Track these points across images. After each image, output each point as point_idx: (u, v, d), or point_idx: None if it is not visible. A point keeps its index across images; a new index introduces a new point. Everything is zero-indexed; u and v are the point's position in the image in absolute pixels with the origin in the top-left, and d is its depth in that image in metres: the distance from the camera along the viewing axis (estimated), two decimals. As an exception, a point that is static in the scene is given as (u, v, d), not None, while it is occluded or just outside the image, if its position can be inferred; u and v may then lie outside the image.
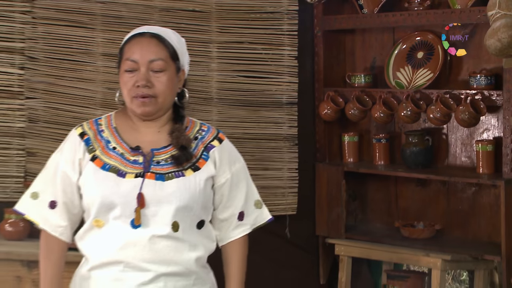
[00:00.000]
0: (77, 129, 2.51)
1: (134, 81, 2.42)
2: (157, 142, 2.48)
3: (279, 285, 4.00)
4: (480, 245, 3.64)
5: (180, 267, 2.43)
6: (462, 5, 3.60)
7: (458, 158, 3.82)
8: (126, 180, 2.42)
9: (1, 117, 3.84)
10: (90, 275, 2.43)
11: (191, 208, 2.44)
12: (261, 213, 2.64)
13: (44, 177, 2.53)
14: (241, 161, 2.62)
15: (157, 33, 2.50)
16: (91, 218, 2.44)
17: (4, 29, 3.82)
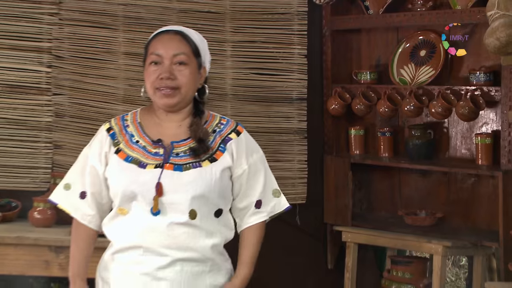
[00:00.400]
0: (105, 125, 2.55)
1: (158, 74, 2.44)
2: (178, 136, 2.49)
3: (289, 270, 4.00)
4: (479, 232, 3.64)
5: (197, 253, 2.43)
6: (462, 5, 3.59)
7: (458, 151, 3.81)
8: (146, 171, 2.43)
9: (30, 112, 3.85)
10: (113, 258, 2.45)
11: (207, 197, 2.44)
12: (279, 202, 2.64)
13: (75, 170, 2.55)
14: (259, 152, 2.61)
15: (180, 30, 2.52)
16: (116, 207, 2.47)
17: (32, 30, 3.84)
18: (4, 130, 3.85)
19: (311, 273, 4.04)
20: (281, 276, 3.97)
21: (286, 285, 4.02)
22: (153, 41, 2.51)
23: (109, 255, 2.49)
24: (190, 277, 2.43)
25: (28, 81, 3.85)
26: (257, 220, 2.58)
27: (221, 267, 2.51)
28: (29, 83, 3.85)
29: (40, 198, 3.62)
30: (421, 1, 3.75)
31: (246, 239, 2.59)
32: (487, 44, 3.18)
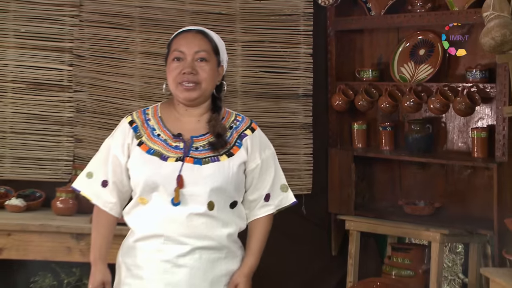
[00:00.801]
0: (127, 118, 2.55)
1: (180, 69, 2.45)
2: (197, 130, 2.50)
3: (295, 257, 3.99)
4: (474, 221, 3.64)
5: (214, 241, 2.44)
6: (459, 7, 3.59)
7: (456, 144, 3.81)
8: (167, 163, 2.44)
9: (52, 108, 3.87)
10: (135, 246, 2.46)
11: (224, 189, 2.45)
12: (286, 196, 2.66)
13: (97, 159, 2.56)
14: (271, 148, 2.63)
15: (202, 30, 2.54)
16: (137, 196, 2.47)
17: (55, 31, 3.86)
18: (29, 125, 3.87)
19: (316, 260, 4.04)
20: (288, 262, 3.96)
21: (293, 270, 3.99)
22: (176, 39, 2.52)
23: (131, 242, 2.49)
24: (208, 264, 2.44)
25: (51, 79, 3.87)
26: (265, 213, 2.60)
27: (235, 254, 2.53)
28: (52, 81, 3.87)
29: (62, 188, 3.66)
30: (420, 3, 3.74)
31: (254, 230, 2.61)
32: (483, 44, 3.19)
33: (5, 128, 3.88)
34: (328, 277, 4.06)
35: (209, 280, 2.46)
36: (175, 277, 2.41)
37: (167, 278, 2.41)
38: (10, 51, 3.86)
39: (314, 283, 4.03)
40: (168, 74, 2.51)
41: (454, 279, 4.77)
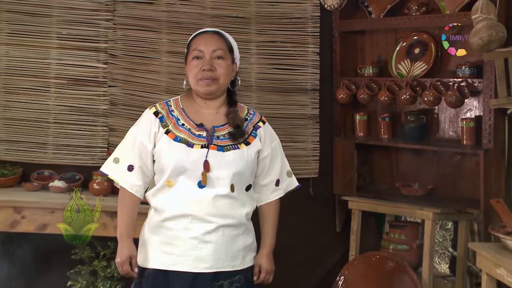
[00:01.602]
0: (151, 109, 2.56)
1: (200, 66, 2.47)
2: (216, 121, 2.53)
3: (304, 233, 4.01)
4: (463, 201, 3.64)
5: (235, 220, 2.48)
6: (451, 10, 3.56)
7: (447, 133, 3.79)
8: (194, 150, 2.45)
9: (89, 101, 3.90)
10: (163, 225, 2.47)
11: (243, 174, 2.49)
12: (291, 180, 2.71)
13: (124, 146, 2.57)
14: (277, 139, 2.68)
15: (217, 31, 2.59)
16: (164, 179, 2.47)
17: (92, 33, 3.89)
18: (69, 116, 3.90)
19: (322, 235, 4.05)
20: (297, 237, 3.97)
21: (302, 245, 4.00)
22: (195, 39, 2.55)
23: (158, 222, 2.49)
24: (230, 240, 2.48)
25: (88, 75, 3.90)
26: (276, 196, 2.66)
27: (250, 230, 2.57)
28: (89, 77, 3.90)
29: (98, 172, 3.63)
30: (416, 7, 3.72)
31: (268, 213, 2.66)
32: (472, 43, 3.20)
33: (48, 119, 3.90)
34: (333, 251, 4.06)
35: (230, 254, 2.48)
36: (202, 252, 2.43)
37: (195, 253, 2.43)
38: (53, 51, 3.88)
39: (321, 256, 4.04)
40: (188, 71, 2.53)
41: (444, 253, 4.79)
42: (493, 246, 2.84)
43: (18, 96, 3.89)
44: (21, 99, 3.89)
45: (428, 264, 3.57)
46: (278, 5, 3.98)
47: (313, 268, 4.01)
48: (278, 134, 3.99)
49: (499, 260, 2.65)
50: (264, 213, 2.65)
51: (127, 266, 2.49)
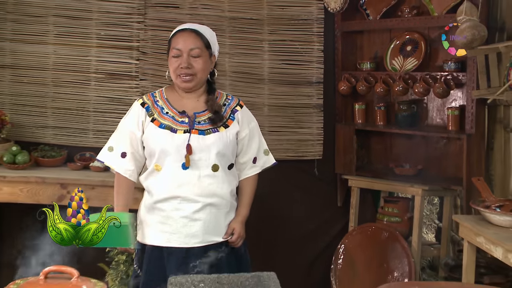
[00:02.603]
0: (138, 100, 2.53)
1: (178, 64, 2.41)
2: (197, 108, 2.47)
3: (310, 207, 4.03)
4: (448, 179, 3.66)
5: (220, 198, 2.45)
6: (439, 12, 3.58)
7: (434, 120, 3.81)
8: (177, 135, 2.40)
9: (124, 93, 3.92)
10: (155, 206, 2.43)
11: (224, 154, 2.44)
12: (268, 158, 2.63)
13: (116, 136, 2.53)
14: (255, 121, 2.60)
15: (194, 28, 2.46)
16: (153, 163, 2.43)
17: (125, 33, 3.92)
18: (106, 105, 3.92)
19: (326, 209, 4.07)
20: (304, 211, 4.00)
21: (308, 217, 4.02)
22: (174, 37, 2.46)
23: (151, 203, 2.44)
24: (216, 216, 2.45)
25: (122, 70, 3.93)
26: (253, 172, 2.59)
27: (234, 207, 2.53)
28: (123, 72, 3.93)
29: None
30: (408, 10, 3.72)
31: (245, 187, 2.58)
32: (457, 41, 3.21)
33: (89, 108, 3.94)
34: (335, 222, 4.07)
35: (217, 229, 2.46)
36: (192, 229, 2.41)
37: (186, 231, 2.40)
38: (93, 49, 3.91)
39: (324, 227, 4.05)
40: (169, 66, 2.47)
41: (431, 224, 4.74)
42: (474, 218, 2.86)
43: (64, 89, 3.93)
44: (66, 91, 3.93)
45: (417, 234, 3.61)
46: (287, 8, 3.98)
47: (318, 238, 4.03)
48: (286, 121, 4.08)
49: (479, 230, 2.68)
50: (242, 187, 2.58)
51: None
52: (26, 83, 3.95)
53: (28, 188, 3.53)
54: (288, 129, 4.02)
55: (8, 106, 3.94)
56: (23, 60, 3.94)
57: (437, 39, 3.74)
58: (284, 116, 4.01)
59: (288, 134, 4.02)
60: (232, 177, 2.51)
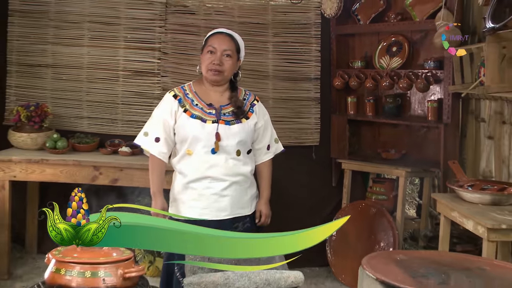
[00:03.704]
0: (170, 93, 2.50)
1: (211, 60, 2.42)
2: (222, 101, 2.48)
3: (308, 187, 4.03)
4: (427, 163, 3.66)
5: (243, 176, 2.47)
6: (420, 18, 3.59)
7: (416, 111, 3.81)
8: (207, 124, 2.40)
9: (147, 88, 3.95)
10: (188, 186, 2.43)
11: (245, 141, 2.47)
12: (278, 146, 2.66)
13: (151, 123, 2.50)
14: (267, 114, 2.63)
15: (230, 33, 2.50)
16: (185, 149, 2.42)
17: (149, 36, 3.95)
18: (132, 98, 3.96)
19: (322, 188, 4.07)
20: (303, 190, 4.01)
21: (307, 195, 4.02)
22: (211, 37, 2.47)
23: (184, 183, 2.43)
24: (241, 192, 2.47)
25: (146, 68, 3.96)
26: (268, 158, 2.61)
27: (253, 183, 2.56)
28: (147, 69, 3.96)
29: None
30: (393, 15, 3.75)
31: (263, 171, 2.60)
32: (435, 43, 3.21)
33: (117, 101, 3.98)
34: (330, 200, 4.08)
35: (242, 203, 2.48)
36: (221, 204, 2.42)
37: (216, 205, 2.42)
38: (121, 50, 3.96)
39: (321, 204, 4.06)
40: (202, 61, 2.46)
41: (412, 201, 4.80)
42: (449, 196, 2.88)
43: (96, 84, 3.98)
44: (98, 86, 3.97)
45: (401, 210, 3.63)
46: (289, 14, 4.00)
47: (315, 213, 4.02)
48: (287, 112, 4.05)
49: (454, 206, 2.71)
50: (260, 171, 2.59)
51: (161, 216, 2.38)
52: (64, 80, 4.01)
53: (66, 170, 3.59)
54: (290, 119, 4.04)
55: (49, 100, 4.01)
56: (62, 60, 4.00)
57: (419, 41, 3.74)
58: (286, 108, 4.03)
59: (290, 124, 4.03)
60: (250, 159, 2.53)
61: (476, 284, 1.59)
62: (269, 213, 2.57)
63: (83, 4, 3.97)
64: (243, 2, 3.99)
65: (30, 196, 3.98)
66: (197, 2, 3.98)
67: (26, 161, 3.58)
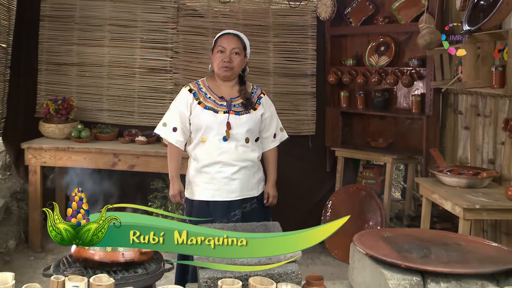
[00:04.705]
0: (186, 87, 2.49)
1: (222, 58, 2.41)
2: (232, 94, 2.47)
3: (305, 172, 4.03)
4: (412, 150, 3.68)
5: (251, 162, 2.46)
6: (405, 21, 3.60)
7: (402, 104, 3.81)
8: (218, 115, 2.40)
9: (160, 83, 3.96)
10: (202, 170, 2.43)
11: (253, 130, 2.45)
12: (283, 134, 2.64)
13: (169, 115, 2.49)
14: (273, 106, 2.60)
15: (237, 33, 2.49)
16: (199, 136, 2.42)
17: (162, 37, 3.97)
18: (148, 93, 3.97)
19: (317, 173, 4.08)
20: (300, 175, 4.01)
21: (303, 180, 4.02)
22: (220, 38, 2.46)
23: (198, 168, 2.43)
24: (249, 176, 2.47)
25: (160, 66, 3.97)
26: (274, 145, 2.59)
27: (260, 167, 2.54)
28: (160, 67, 3.97)
29: None
30: (381, 19, 3.75)
31: (270, 157, 2.59)
32: (419, 43, 3.20)
33: (134, 95, 3.99)
34: (324, 184, 4.09)
35: (251, 185, 2.47)
36: (232, 187, 2.42)
37: (227, 188, 2.42)
38: (137, 50, 3.98)
39: (316, 187, 4.09)
40: (213, 60, 2.45)
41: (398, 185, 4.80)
42: (431, 180, 2.89)
43: (116, 80, 4.00)
44: (117, 82, 4.00)
45: (388, 193, 3.65)
46: (288, 17, 4.00)
47: (311, 196, 4.05)
48: (286, 105, 4.04)
49: (434, 189, 2.73)
50: (267, 157, 2.59)
51: (178, 197, 2.47)
52: (87, 77, 4.02)
53: (89, 157, 3.62)
54: (288, 111, 4.05)
55: (74, 94, 4.02)
56: (85, 59, 4.00)
57: (404, 42, 3.74)
58: (285, 101, 4.03)
59: (289, 115, 4.03)
60: (258, 147, 2.51)
61: (453, 257, 1.61)
62: (275, 195, 2.57)
63: (104, 9, 3.98)
64: (247, 6, 4.00)
65: (58, 179, 4.01)
66: (205, 6, 3.99)
67: (54, 149, 3.64)
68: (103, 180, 2.64)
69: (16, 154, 3.85)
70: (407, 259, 1.56)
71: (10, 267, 3.33)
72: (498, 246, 1.73)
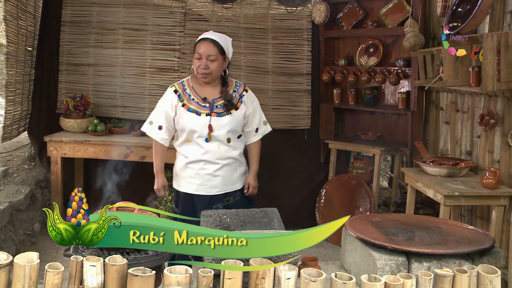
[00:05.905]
0: (172, 88, 2.40)
1: (199, 65, 2.33)
2: (214, 95, 2.40)
3: (300, 162, 4.03)
4: (398, 143, 3.68)
5: (233, 159, 2.40)
6: (392, 25, 3.61)
7: (389, 101, 3.81)
8: (201, 117, 2.34)
9: (169, 82, 3.80)
10: (187, 166, 2.39)
11: (235, 129, 2.39)
12: (266, 127, 2.55)
13: (155, 114, 2.44)
14: (256, 100, 2.50)
15: (213, 38, 2.34)
16: (184, 137, 2.39)
17: (170, 40, 3.95)
18: (157, 91, 3.90)
19: (311, 164, 4.07)
20: (296, 166, 4.02)
21: (299, 170, 4.02)
22: (198, 44, 2.37)
23: (184, 164, 2.39)
24: (231, 172, 2.41)
25: (168, 65, 3.95)
26: (256, 139, 2.51)
27: (242, 162, 2.47)
28: (169, 67, 3.95)
29: None
30: (370, 23, 3.75)
31: (252, 150, 2.52)
32: (404, 45, 3.28)
33: (145, 93, 3.97)
34: (318, 174, 4.08)
35: (232, 180, 2.42)
36: (214, 182, 2.38)
37: (210, 183, 2.38)
38: (148, 51, 3.96)
39: (311, 177, 4.07)
40: (193, 64, 2.37)
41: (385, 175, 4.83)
42: (415, 170, 2.89)
43: (128, 79, 3.98)
44: (129, 81, 3.98)
45: (376, 181, 3.67)
46: (285, 21, 3.99)
47: (306, 184, 4.05)
48: (283, 102, 4.01)
49: (418, 178, 2.73)
50: (250, 150, 2.53)
51: (162, 191, 2.46)
52: (103, 76, 4.02)
53: (105, 149, 3.63)
54: (286, 107, 4.05)
55: (91, 92, 4.02)
56: (101, 60, 4.00)
57: (391, 44, 3.74)
58: (283, 98, 4.03)
59: (286, 111, 4.03)
60: (240, 143, 2.46)
61: (434, 239, 1.65)
62: (256, 185, 2.50)
63: (118, 15, 3.97)
64: (248, 11, 3.98)
65: (77, 169, 4.04)
66: (210, 11, 3.98)
67: (73, 142, 3.66)
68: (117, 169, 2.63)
69: (39, 146, 3.87)
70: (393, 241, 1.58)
71: (36, 247, 3.37)
72: (474, 229, 1.75)
